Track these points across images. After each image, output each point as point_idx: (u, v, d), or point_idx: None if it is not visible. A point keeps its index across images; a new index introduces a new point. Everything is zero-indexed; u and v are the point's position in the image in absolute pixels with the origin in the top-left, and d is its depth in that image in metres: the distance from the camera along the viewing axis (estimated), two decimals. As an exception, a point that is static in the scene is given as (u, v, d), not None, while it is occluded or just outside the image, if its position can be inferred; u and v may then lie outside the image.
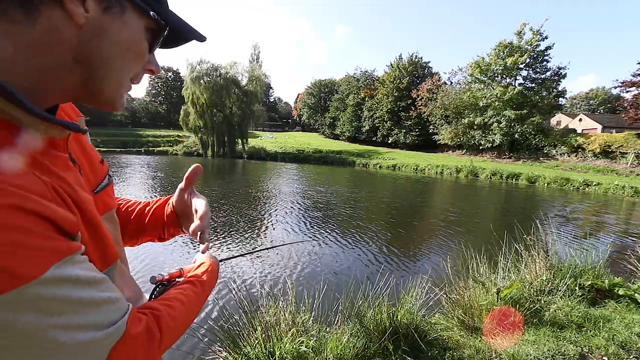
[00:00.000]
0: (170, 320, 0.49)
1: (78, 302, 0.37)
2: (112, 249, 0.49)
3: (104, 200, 0.56)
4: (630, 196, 14.17)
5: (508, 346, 2.04)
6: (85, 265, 0.39)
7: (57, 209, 0.37)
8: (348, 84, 49.63)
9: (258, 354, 1.85)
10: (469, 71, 33.11)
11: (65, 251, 0.36)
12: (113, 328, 0.40)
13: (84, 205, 0.44)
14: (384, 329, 2.06)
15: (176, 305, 0.53)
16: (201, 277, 0.64)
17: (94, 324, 0.38)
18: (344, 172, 22.11)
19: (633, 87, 25.70)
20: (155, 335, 0.45)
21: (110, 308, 0.41)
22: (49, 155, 0.41)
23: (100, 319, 0.39)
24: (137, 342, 0.42)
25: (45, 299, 0.33)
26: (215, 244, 5.46)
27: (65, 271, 0.36)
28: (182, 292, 0.57)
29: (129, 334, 0.41)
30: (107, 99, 0.45)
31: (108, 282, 0.42)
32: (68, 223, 0.38)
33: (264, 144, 35.33)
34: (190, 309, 0.57)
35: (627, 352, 2.01)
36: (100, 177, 0.56)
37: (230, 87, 29.94)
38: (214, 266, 0.71)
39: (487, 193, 14.66)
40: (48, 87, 0.39)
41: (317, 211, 8.64)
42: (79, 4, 0.37)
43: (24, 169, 0.36)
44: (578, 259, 3.16)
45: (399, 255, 5.37)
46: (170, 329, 0.48)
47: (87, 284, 0.38)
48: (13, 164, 0.35)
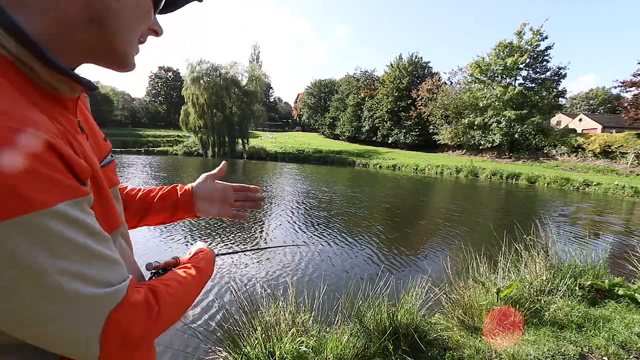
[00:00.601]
0: (167, 296, 0.48)
1: (84, 249, 0.36)
2: (115, 216, 0.50)
3: (108, 175, 0.55)
4: (630, 196, 14.17)
5: (508, 346, 2.04)
6: (91, 216, 0.39)
7: (70, 151, 0.37)
8: (348, 84, 49.64)
9: (258, 354, 1.85)
10: (469, 71, 33.11)
11: (76, 192, 0.36)
12: (114, 289, 0.39)
13: (94, 167, 0.44)
14: (384, 329, 2.06)
15: (173, 285, 0.51)
16: (198, 262, 0.64)
17: (96, 278, 0.37)
18: (344, 172, 22.11)
19: (633, 87, 25.71)
20: (154, 308, 0.44)
21: (113, 268, 0.40)
22: (61, 115, 0.43)
23: (103, 276, 0.38)
24: (136, 311, 0.41)
25: (54, 235, 0.33)
26: (214, 241, 5.47)
27: (74, 212, 0.36)
28: (179, 274, 0.56)
29: (128, 300, 0.40)
30: (120, 56, 0.46)
31: (111, 244, 0.42)
32: (80, 167, 0.38)
33: (264, 144, 35.34)
34: (187, 291, 0.55)
35: (627, 352, 2.01)
36: (104, 152, 0.56)
37: (230, 87, 29.95)
38: (210, 254, 0.70)
39: (487, 193, 14.66)
40: (65, 45, 0.41)
41: (316, 211, 8.64)
42: None
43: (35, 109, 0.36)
44: (578, 259, 3.16)
45: (399, 255, 5.37)
46: (167, 306, 0.47)
47: (94, 234, 0.38)
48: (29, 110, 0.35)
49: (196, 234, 6.00)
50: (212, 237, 5.79)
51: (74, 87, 0.43)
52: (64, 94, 0.43)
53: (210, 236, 5.87)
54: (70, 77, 0.40)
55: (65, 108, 0.44)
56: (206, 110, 28.85)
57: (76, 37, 0.41)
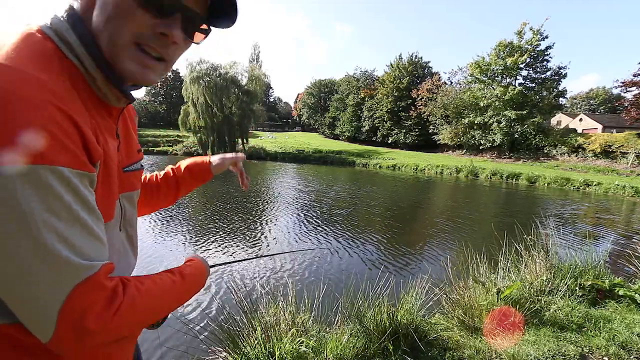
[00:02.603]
0: (137, 293, 0.46)
1: (75, 216, 0.39)
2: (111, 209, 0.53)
3: (130, 180, 0.62)
4: (630, 196, 14.16)
5: (508, 346, 2.03)
6: (89, 192, 0.43)
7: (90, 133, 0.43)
8: (348, 84, 49.60)
9: (258, 354, 1.85)
10: (469, 71, 33.09)
11: (82, 165, 0.41)
12: (88, 263, 0.40)
13: (110, 161, 0.50)
14: (383, 329, 2.06)
15: (147, 283, 0.50)
16: (183, 269, 0.62)
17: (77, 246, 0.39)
18: (344, 172, 22.10)
19: (634, 87, 25.67)
20: (118, 298, 0.42)
21: (96, 244, 0.42)
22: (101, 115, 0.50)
23: (84, 247, 0.40)
24: (101, 294, 0.40)
25: (53, 192, 0.37)
26: (211, 247, 5.46)
27: (75, 180, 0.40)
28: (157, 275, 0.55)
29: (96, 279, 0.40)
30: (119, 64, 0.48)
31: (102, 224, 0.45)
32: (95, 148, 0.43)
33: (263, 143, 35.33)
34: (164, 294, 0.53)
35: (627, 353, 2.01)
36: (132, 160, 0.63)
37: (230, 87, 29.92)
38: (200, 263, 0.69)
39: (487, 193, 14.65)
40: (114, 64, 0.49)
41: (316, 211, 8.64)
42: None
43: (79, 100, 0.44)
44: (578, 259, 3.15)
45: (399, 255, 5.37)
46: (134, 302, 0.45)
47: (88, 207, 0.42)
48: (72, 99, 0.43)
49: (195, 241, 5.99)
50: (208, 240, 5.79)
51: (119, 98, 0.52)
52: (112, 103, 0.52)
53: (210, 242, 5.87)
54: (118, 88, 0.49)
55: (109, 114, 0.53)
56: (206, 110, 28.81)
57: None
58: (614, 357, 1.96)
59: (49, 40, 0.44)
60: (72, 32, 0.45)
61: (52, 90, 0.39)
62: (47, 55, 0.42)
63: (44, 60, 0.42)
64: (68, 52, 0.44)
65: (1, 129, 0.35)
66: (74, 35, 0.45)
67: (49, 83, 0.39)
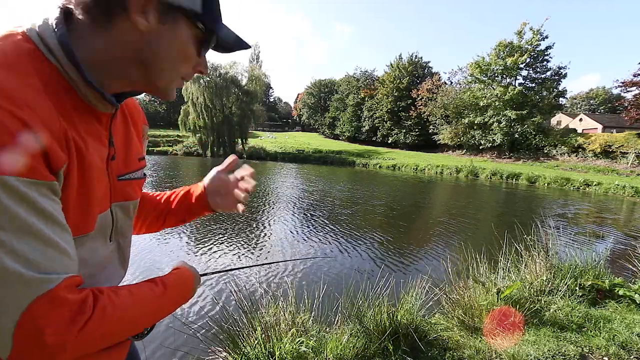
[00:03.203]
0: (109, 304, 0.44)
1: (25, 227, 0.37)
2: (90, 220, 0.51)
3: (125, 189, 0.60)
4: (630, 196, 14.16)
5: (508, 346, 2.03)
6: (51, 202, 0.40)
7: (50, 137, 0.40)
8: (348, 84, 49.62)
9: (258, 354, 1.85)
10: (469, 71, 33.10)
11: (36, 173, 0.38)
12: (42, 277, 0.37)
13: (88, 166, 0.48)
14: (383, 329, 2.06)
15: (122, 294, 0.48)
16: (165, 278, 0.59)
17: (27, 258, 0.36)
18: (344, 172, 22.11)
19: (634, 87, 25.68)
20: (86, 311, 0.40)
21: (54, 255, 0.39)
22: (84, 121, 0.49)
23: (36, 258, 0.37)
24: (59, 311, 0.38)
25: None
26: (208, 252, 5.46)
27: (26, 190, 0.37)
28: (135, 285, 0.53)
29: (54, 294, 0.38)
30: (160, 90, 0.55)
31: (68, 235, 0.42)
32: (55, 155, 0.41)
33: (263, 144, 35.34)
34: (141, 304, 0.51)
35: (627, 353, 2.01)
36: (130, 168, 0.61)
37: (230, 87, 29.94)
38: (186, 272, 0.66)
39: (487, 193, 14.66)
40: (115, 75, 0.51)
41: (316, 211, 8.64)
42: (143, 16, 0.47)
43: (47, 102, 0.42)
44: (578, 259, 3.15)
45: (399, 255, 5.37)
46: (104, 314, 0.43)
47: (45, 217, 0.39)
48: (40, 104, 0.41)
49: (196, 242, 5.99)
50: (205, 245, 5.79)
51: (105, 104, 0.51)
52: (99, 109, 0.51)
53: (210, 243, 5.86)
54: (99, 92, 0.48)
55: (98, 120, 0.52)
56: (206, 110, 28.83)
57: (127, 70, 0.51)
58: (614, 357, 1.96)
59: (29, 41, 0.43)
60: (54, 36, 0.44)
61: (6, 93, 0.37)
62: (18, 55, 0.42)
63: (13, 59, 0.41)
64: (49, 55, 0.44)
65: None
66: (55, 39, 0.44)
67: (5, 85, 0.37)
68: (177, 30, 0.51)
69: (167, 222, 0.83)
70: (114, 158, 0.55)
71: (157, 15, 0.48)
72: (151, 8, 0.47)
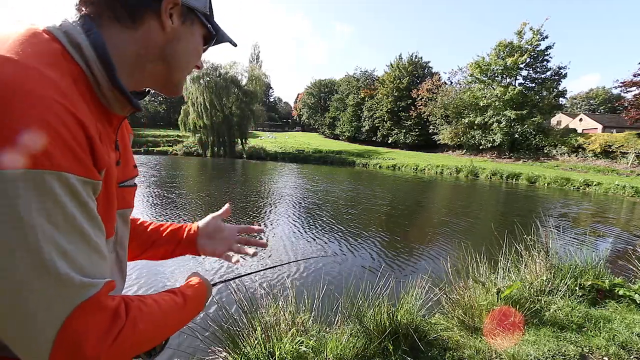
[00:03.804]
0: (139, 314, 0.43)
1: (77, 228, 0.36)
2: (111, 225, 0.51)
3: (124, 196, 0.59)
4: (630, 196, 14.16)
5: (508, 346, 2.03)
6: (93, 203, 0.40)
7: (96, 136, 0.41)
8: (348, 84, 49.61)
9: (258, 354, 1.85)
10: (469, 71, 33.09)
11: (88, 172, 0.39)
12: (89, 281, 0.36)
13: (111, 171, 0.47)
14: (383, 329, 2.06)
15: (150, 303, 0.47)
16: (185, 290, 0.60)
17: (77, 261, 0.36)
18: (344, 172, 22.10)
19: (634, 87, 25.67)
20: (121, 319, 0.39)
21: (98, 261, 0.39)
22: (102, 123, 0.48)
23: (84, 263, 0.36)
24: (102, 315, 0.37)
25: (56, 201, 0.34)
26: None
27: (80, 188, 0.37)
28: (159, 296, 0.52)
29: (97, 299, 0.37)
30: (175, 85, 0.59)
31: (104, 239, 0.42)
32: (101, 155, 0.42)
33: (263, 144, 35.32)
34: (166, 315, 0.50)
35: (627, 353, 2.01)
36: (127, 175, 0.61)
37: (230, 87, 29.93)
38: (202, 285, 0.66)
39: (487, 193, 14.65)
40: (132, 73, 0.52)
41: (316, 211, 8.64)
42: (168, 17, 0.51)
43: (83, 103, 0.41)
44: (578, 259, 3.15)
45: (399, 255, 5.37)
46: (136, 325, 0.41)
47: (92, 219, 0.39)
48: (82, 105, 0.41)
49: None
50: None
51: (124, 106, 0.51)
52: (115, 111, 0.50)
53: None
54: (125, 96, 0.48)
55: (110, 123, 0.51)
56: (205, 110, 28.82)
57: (147, 68, 0.53)
58: (614, 357, 1.96)
59: (56, 41, 0.43)
60: (84, 35, 0.44)
61: (60, 89, 0.37)
62: (53, 55, 0.41)
63: (51, 58, 0.40)
64: (76, 55, 0.43)
65: (3, 127, 0.32)
66: (85, 38, 0.44)
67: (57, 81, 0.37)
68: (193, 29, 0.56)
69: (147, 252, 0.77)
70: (119, 163, 0.55)
71: (179, 17, 0.53)
72: (175, 10, 0.52)
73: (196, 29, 0.57)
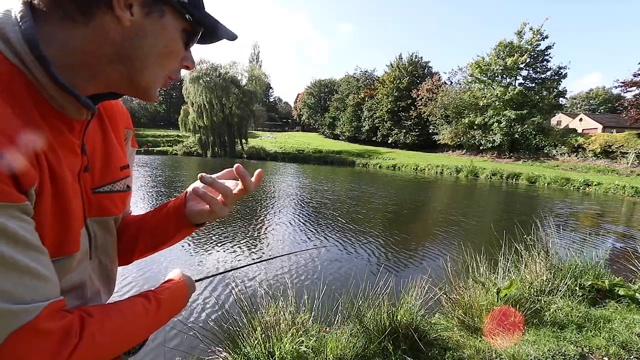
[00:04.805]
0: (98, 330, 0.41)
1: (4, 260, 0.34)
2: (73, 238, 0.46)
3: (102, 203, 0.54)
4: (630, 196, 14.16)
5: (508, 346, 2.03)
6: (23, 225, 0.36)
7: (17, 153, 0.36)
8: (348, 84, 49.61)
9: (258, 354, 1.85)
10: (469, 71, 33.09)
11: (3, 195, 0.34)
12: (19, 307, 0.34)
13: (61, 182, 0.43)
14: (383, 329, 2.06)
15: (114, 315, 0.45)
16: (159, 293, 0.57)
17: (5, 290, 0.34)
18: (344, 172, 22.11)
19: (634, 87, 25.67)
20: (71, 341, 0.38)
21: (31, 283, 0.36)
22: (54, 129, 0.43)
23: (13, 289, 0.34)
24: (44, 340, 0.36)
25: None
26: (209, 253, 5.46)
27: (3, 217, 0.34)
28: (128, 304, 0.50)
29: (35, 325, 0.35)
30: (142, 90, 0.50)
31: (45, 257, 0.39)
32: (23, 172, 0.36)
33: (263, 144, 35.33)
34: (134, 324, 0.49)
35: (627, 353, 2.01)
36: (108, 179, 0.55)
37: (230, 87, 29.95)
38: (180, 284, 0.63)
39: (487, 193, 14.66)
40: (91, 75, 0.45)
41: (316, 211, 8.64)
42: (127, 10, 0.43)
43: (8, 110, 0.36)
44: (578, 259, 3.15)
45: (399, 255, 5.37)
46: (93, 340, 0.40)
47: (15, 242, 0.35)
48: None
49: (197, 243, 5.99)
50: (204, 245, 5.79)
51: (80, 109, 0.45)
52: (71, 115, 0.45)
53: (211, 244, 5.86)
54: (73, 95, 0.42)
55: (70, 128, 0.46)
56: (205, 110, 28.84)
57: (102, 68, 0.46)
58: (614, 357, 1.96)
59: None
60: (18, 30, 0.38)
61: None
62: None
63: None
64: (9, 53, 0.38)
65: None
66: (19, 34, 0.38)
67: None
68: (163, 23, 0.47)
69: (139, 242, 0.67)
70: (87, 169, 0.50)
71: (142, 8, 0.44)
72: (136, 0, 0.44)
73: (168, 22, 0.47)
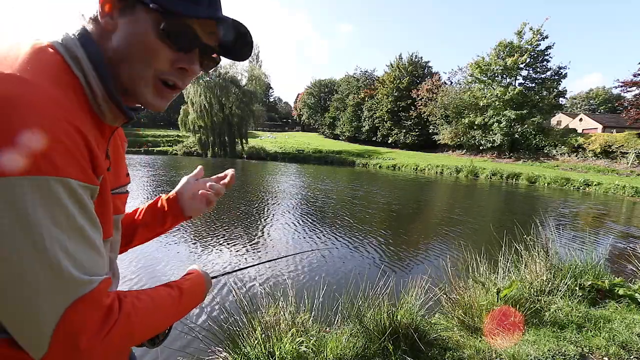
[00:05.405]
0: (132, 310, 0.45)
1: (79, 229, 0.40)
2: (109, 226, 0.53)
3: (115, 203, 0.60)
4: (630, 196, 14.15)
5: (508, 346, 2.03)
6: (92, 205, 0.43)
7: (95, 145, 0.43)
8: (348, 84, 49.62)
9: (258, 354, 1.85)
10: (469, 71, 33.09)
11: (88, 178, 0.42)
12: (88, 278, 0.39)
13: (105, 179, 0.49)
14: (383, 329, 2.06)
15: (144, 299, 0.49)
16: (181, 283, 0.61)
17: (78, 260, 0.39)
18: (344, 172, 22.10)
19: (634, 87, 25.67)
20: (113, 316, 0.41)
21: (97, 259, 0.42)
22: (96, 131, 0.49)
23: (84, 261, 0.39)
24: (97, 311, 0.40)
25: (60, 204, 0.37)
26: (211, 253, 5.46)
27: (82, 193, 0.40)
28: (154, 290, 0.54)
29: (94, 296, 0.39)
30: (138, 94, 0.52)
31: (101, 237, 0.45)
32: (99, 162, 0.44)
33: (263, 144, 35.31)
34: (161, 310, 0.52)
35: (627, 353, 2.01)
36: (119, 183, 0.62)
37: (230, 87, 29.94)
38: (200, 277, 0.68)
39: (487, 193, 14.66)
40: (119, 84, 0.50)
41: (316, 211, 8.64)
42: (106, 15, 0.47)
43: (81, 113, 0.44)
44: (578, 259, 3.15)
45: (399, 255, 5.37)
46: (129, 319, 0.44)
47: (91, 221, 0.42)
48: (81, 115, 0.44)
49: (197, 243, 6.00)
50: (208, 246, 5.79)
51: (117, 117, 0.51)
52: (107, 121, 0.51)
53: (212, 244, 5.87)
54: (119, 107, 0.49)
55: (102, 134, 0.51)
56: (205, 110, 28.83)
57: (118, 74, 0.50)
58: (614, 357, 1.96)
59: (58, 55, 0.45)
60: (81, 48, 0.46)
61: (63, 104, 0.40)
62: (57, 69, 0.44)
63: (55, 74, 0.43)
64: (74, 67, 0.45)
65: (14, 137, 0.35)
66: (83, 51, 0.46)
67: (60, 97, 0.41)
68: (135, 17, 0.47)
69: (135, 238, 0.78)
70: (109, 169, 0.55)
71: (117, 9, 0.47)
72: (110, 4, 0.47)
73: (139, 15, 0.47)
